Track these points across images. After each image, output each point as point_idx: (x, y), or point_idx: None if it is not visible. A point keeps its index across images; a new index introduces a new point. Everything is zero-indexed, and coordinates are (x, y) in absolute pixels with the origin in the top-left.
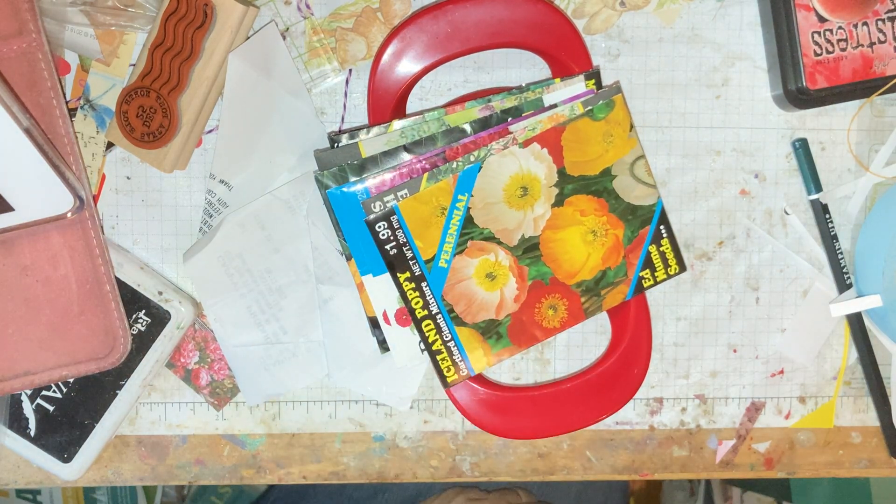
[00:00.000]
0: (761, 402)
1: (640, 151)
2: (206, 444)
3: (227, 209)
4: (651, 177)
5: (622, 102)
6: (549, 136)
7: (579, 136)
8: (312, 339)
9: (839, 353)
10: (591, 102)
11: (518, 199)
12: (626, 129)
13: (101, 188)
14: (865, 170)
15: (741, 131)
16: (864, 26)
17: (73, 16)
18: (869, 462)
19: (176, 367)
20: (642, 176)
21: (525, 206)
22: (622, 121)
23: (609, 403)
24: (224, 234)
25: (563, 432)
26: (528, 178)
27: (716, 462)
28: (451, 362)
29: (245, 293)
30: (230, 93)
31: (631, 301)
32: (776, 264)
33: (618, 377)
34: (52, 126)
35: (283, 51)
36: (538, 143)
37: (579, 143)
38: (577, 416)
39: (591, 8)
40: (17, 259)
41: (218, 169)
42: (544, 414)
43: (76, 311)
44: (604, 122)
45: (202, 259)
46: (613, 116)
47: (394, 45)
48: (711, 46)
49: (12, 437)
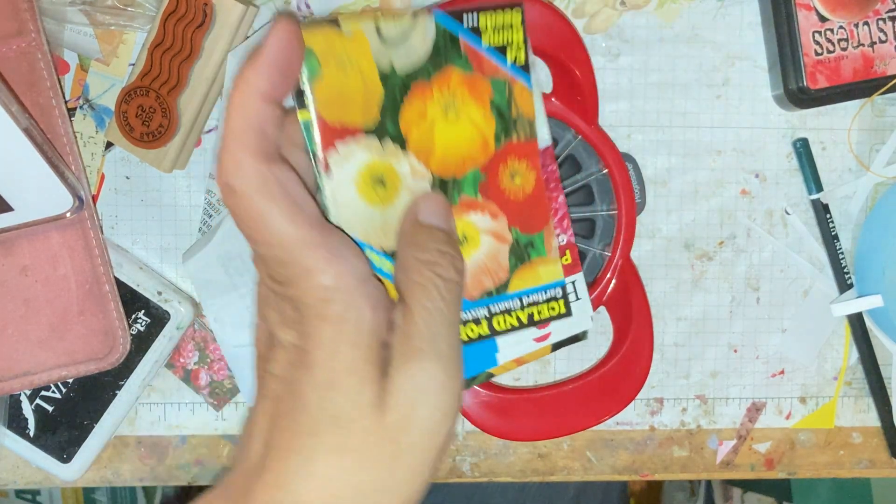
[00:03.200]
0: (762, 402)
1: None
2: (206, 445)
3: (225, 209)
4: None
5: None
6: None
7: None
8: None
9: (840, 353)
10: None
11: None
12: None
13: (100, 188)
14: (866, 169)
15: (741, 131)
16: (864, 26)
17: (72, 15)
18: (870, 462)
19: (175, 367)
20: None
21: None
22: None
23: (612, 404)
24: (224, 234)
25: (566, 433)
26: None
27: (716, 462)
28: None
29: (245, 293)
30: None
31: (632, 300)
32: (777, 264)
33: (620, 378)
34: (52, 126)
35: None
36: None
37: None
38: (579, 418)
39: (591, 8)
40: (17, 259)
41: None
42: (547, 415)
43: (75, 312)
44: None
45: (202, 259)
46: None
47: None
48: (712, 46)
49: (11, 438)
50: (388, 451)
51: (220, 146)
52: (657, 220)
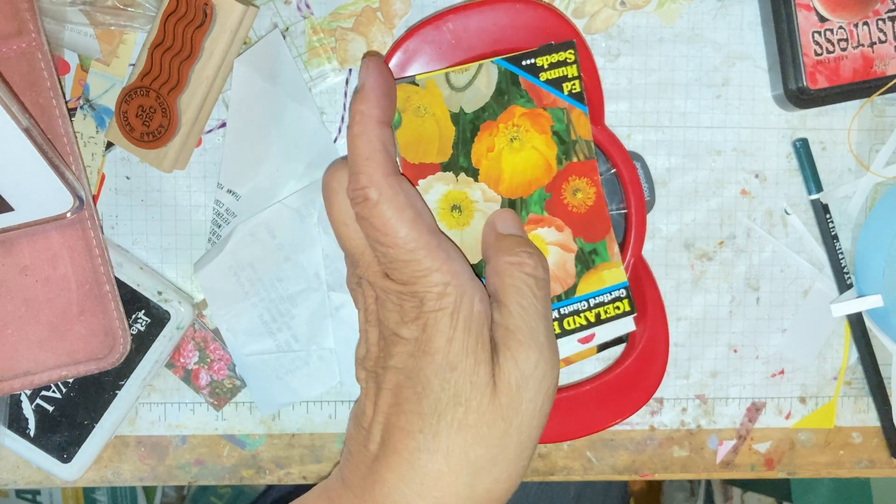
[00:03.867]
0: (762, 402)
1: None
2: (206, 445)
3: (235, 219)
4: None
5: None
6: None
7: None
8: (324, 346)
9: (839, 353)
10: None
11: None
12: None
13: (100, 188)
14: (866, 170)
15: (741, 131)
16: (864, 26)
17: (72, 15)
18: (869, 462)
19: (176, 367)
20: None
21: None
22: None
23: (631, 401)
24: (235, 244)
25: (589, 433)
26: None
27: (716, 462)
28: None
29: (256, 302)
30: (237, 100)
31: (646, 298)
32: (776, 264)
33: (639, 375)
34: (52, 126)
35: (287, 57)
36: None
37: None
38: (601, 417)
39: (591, 8)
40: (17, 259)
41: (225, 178)
42: (568, 417)
43: (76, 312)
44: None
45: (213, 269)
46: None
47: (397, 58)
48: (712, 46)
49: (12, 438)
50: (500, 428)
51: (353, 166)
52: (657, 220)
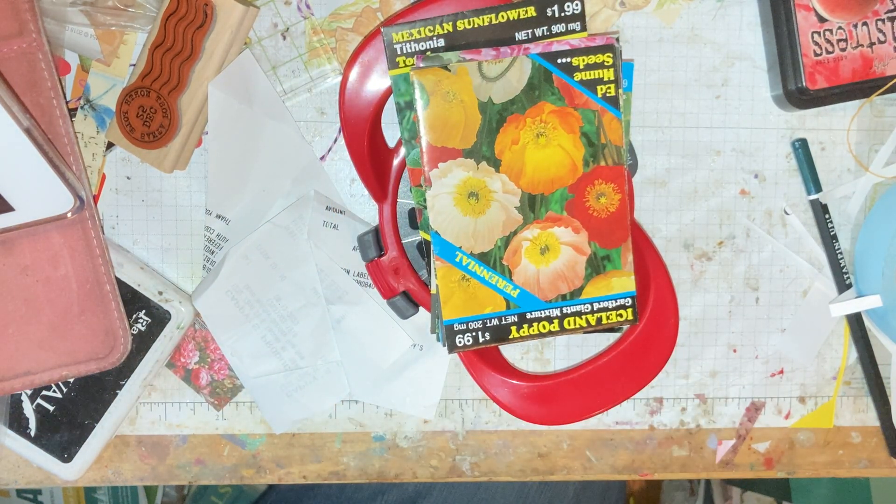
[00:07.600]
0: (761, 401)
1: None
2: (206, 444)
3: (227, 243)
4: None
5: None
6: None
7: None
8: (330, 360)
9: (839, 353)
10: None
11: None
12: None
13: (101, 188)
14: (865, 170)
15: (741, 131)
16: (863, 26)
17: (73, 16)
18: (869, 462)
19: (176, 367)
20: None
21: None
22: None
23: (649, 367)
24: (229, 269)
25: (612, 406)
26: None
27: (716, 462)
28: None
29: (258, 324)
30: (214, 126)
31: (647, 261)
32: (776, 264)
33: (652, 339)
34: (52, 126)
35: (261, 76)
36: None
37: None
38: (621, 388)
39: (591, 8)
40: (18, 259)
41: (213, 204)
42: (589, 393)
43: (76, 311)
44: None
45: (211, 296)
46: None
47: (357, 67)
48: (711, 46)
49: (12, 437)
50: None
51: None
52: (657, 220)
